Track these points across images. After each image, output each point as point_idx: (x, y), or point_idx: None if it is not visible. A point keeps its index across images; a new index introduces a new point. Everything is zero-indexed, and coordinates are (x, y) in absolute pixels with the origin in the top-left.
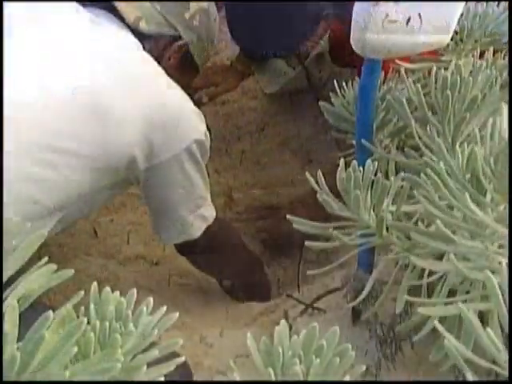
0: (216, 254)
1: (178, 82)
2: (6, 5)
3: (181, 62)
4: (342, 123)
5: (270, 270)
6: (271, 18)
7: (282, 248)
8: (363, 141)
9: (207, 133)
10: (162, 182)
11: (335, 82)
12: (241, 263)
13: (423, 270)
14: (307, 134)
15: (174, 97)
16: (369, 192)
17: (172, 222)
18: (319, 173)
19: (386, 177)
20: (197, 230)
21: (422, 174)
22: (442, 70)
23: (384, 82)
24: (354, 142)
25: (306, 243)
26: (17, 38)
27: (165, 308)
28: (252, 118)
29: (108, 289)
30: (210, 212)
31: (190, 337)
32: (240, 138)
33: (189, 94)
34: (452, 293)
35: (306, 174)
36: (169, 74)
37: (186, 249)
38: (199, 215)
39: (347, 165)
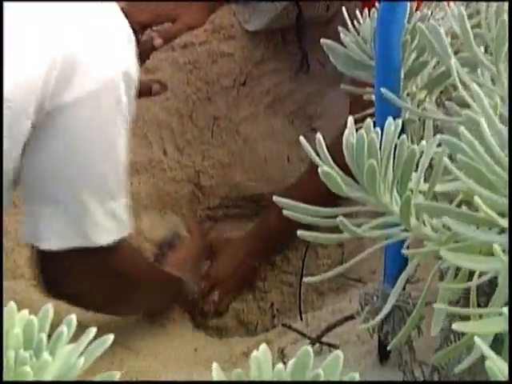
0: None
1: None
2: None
3: None
4: (355, 70)
5: (259, 293)
6: None
7: (275, 260)
8: (386, 94)
9: (138, 68)
10: (60, 138)
11: (344, 10)
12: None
13: (472, 274)
14: (307, 89)
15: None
16: (390, 163)
17: (64, 210)
18: (318, 136)
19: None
20: (103, 233)
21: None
22: None
23: (417, 9)
24: (373, 97)
25: (299, 233)
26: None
27: (94, 330)
28: (227, 69)
29: (13, 305)
30: (125, 216)
31: None
32: (211, 98)
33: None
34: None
35: (302, 141)
36: None
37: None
38: (110, 211)
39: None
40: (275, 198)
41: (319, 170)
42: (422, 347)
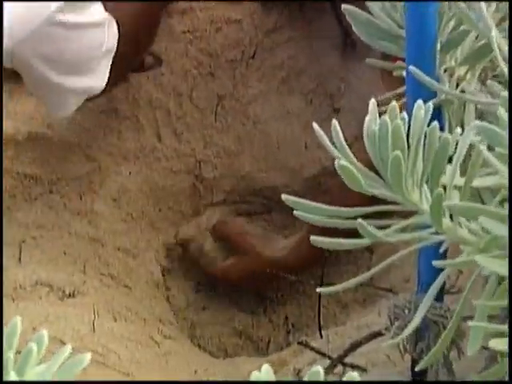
0: None
1: None
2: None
3: None
4: (382, 42)
5: (272, 305)
6: None
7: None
8: (418, 71)
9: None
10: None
11: None
12: None
13: None
14: (328, 63)
15: None
16: (419, 154)
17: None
18: (334, 123)
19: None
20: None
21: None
22: None
23: None
24: (403, 73)
25: (312, 238)
26: None
27: (69, 347)
28: (234, 39)
29: None
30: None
31: None
32: (214, 73)
33: None
34: None
35: (316, 128)
36: None
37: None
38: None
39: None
40: (284, 197)
41: (335, 162)
42: (463, 369)
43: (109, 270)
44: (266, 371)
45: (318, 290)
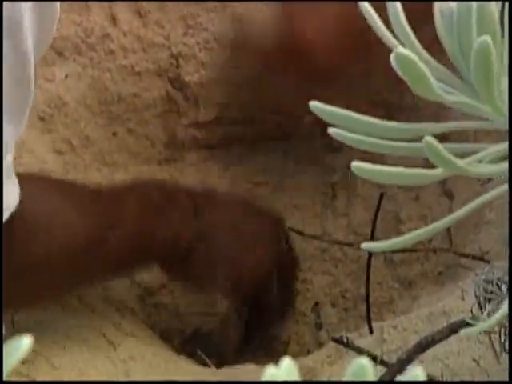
0: None
1: None
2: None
3: None
4: None
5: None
6: None
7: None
8: None
9: None
10: None
11: None
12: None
13: None
14: None
15: None
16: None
17: None
18: None
19: None
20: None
21: None
22: None
23: None
24: None
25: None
26: None
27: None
28: None
29: None
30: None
31: None
32: None
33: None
34: None
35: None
36: None
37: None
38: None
39: None
40: (312, 104)
41: (394, 52)
42: None
43: None
44: (287, 368)
45: (364, 245)
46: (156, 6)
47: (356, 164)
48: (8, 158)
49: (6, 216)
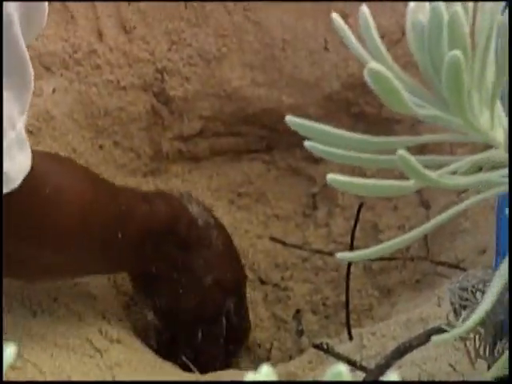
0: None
1: None
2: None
3: None
4: None
5: (275, 290)
6: None
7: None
8: None
9: None
10: None
11: None
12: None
13: None
14: None
15: None
16: (489, 57)
17: None
18: (364, 10)
19: None
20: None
21: None
22: None
23: None
24: None
25: (328, 177)
26: None
27: None
28: None
29: None
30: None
31: None
32: None
33: None
34: None
35: (335, 20)
36: None
37: None
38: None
39: None
40: (289, 118)
41: (366, 67)
42: None
43: None
44: (266, 374)
45: (340, 255)
46: (141, 23)
47: (331, 176)
48: (17, 128)
49: (20, 179)
